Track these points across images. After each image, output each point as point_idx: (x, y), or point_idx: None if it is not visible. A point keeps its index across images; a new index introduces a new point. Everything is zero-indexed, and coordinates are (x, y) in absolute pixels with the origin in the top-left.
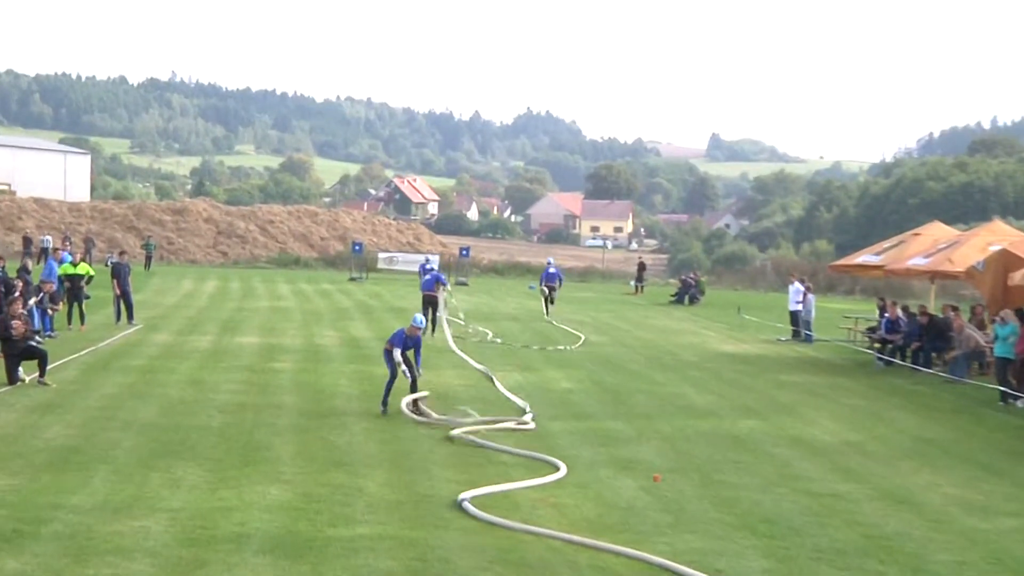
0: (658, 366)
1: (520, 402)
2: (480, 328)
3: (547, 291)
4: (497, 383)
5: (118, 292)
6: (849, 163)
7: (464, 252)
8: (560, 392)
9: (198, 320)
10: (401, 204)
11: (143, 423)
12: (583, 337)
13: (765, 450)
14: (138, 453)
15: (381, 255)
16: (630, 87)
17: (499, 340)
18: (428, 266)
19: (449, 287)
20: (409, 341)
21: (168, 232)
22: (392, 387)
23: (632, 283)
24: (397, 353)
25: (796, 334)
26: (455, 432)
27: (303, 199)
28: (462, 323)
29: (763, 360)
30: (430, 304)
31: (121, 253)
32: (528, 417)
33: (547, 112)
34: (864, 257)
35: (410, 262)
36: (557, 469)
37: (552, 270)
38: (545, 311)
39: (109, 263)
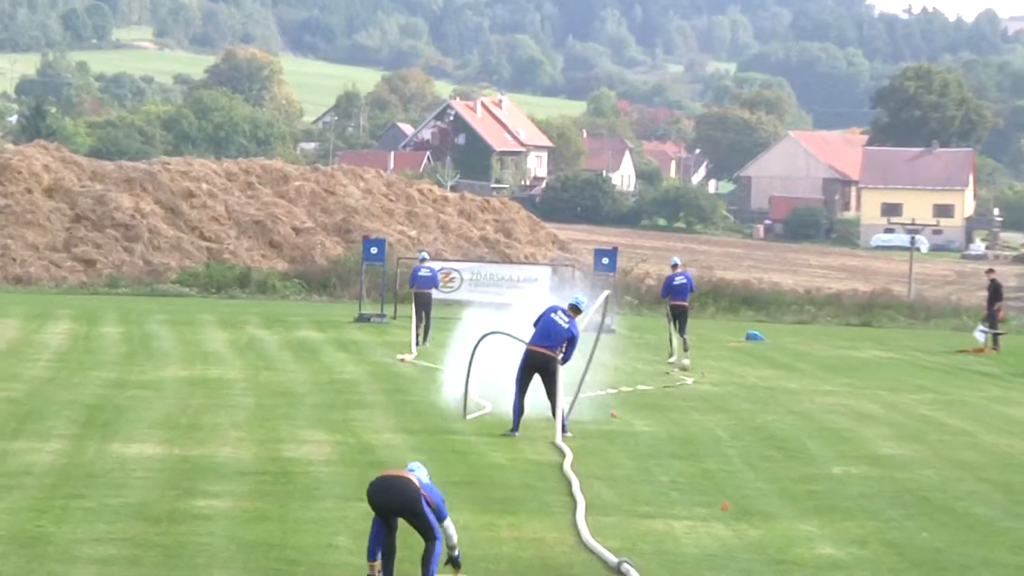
0: None
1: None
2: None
3: (671, 312)
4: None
5: None
6: None
7: (606, 259)
8: (815, 566)
9: (30, 407)
10: (469, 154)
11: None
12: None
13: None
14: None
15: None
16: None
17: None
18: (422, 272)
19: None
20: None
21: None
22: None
23: (979, 330)
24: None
25: None
26: None
27: (258, 145)
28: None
29: None
30: (539, 371)
31: None
32: None
33: None
34: None
35: (491, 282)
36: None
37: (678, 280)
38: (675, 349)
39: None
